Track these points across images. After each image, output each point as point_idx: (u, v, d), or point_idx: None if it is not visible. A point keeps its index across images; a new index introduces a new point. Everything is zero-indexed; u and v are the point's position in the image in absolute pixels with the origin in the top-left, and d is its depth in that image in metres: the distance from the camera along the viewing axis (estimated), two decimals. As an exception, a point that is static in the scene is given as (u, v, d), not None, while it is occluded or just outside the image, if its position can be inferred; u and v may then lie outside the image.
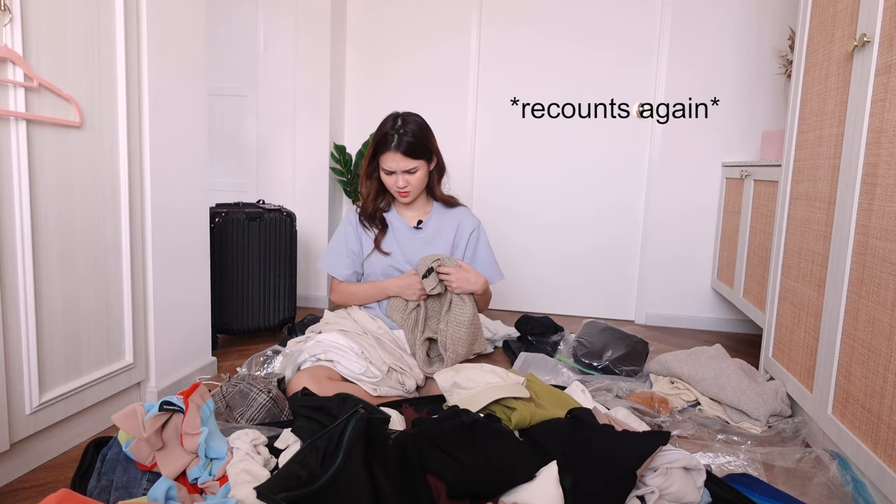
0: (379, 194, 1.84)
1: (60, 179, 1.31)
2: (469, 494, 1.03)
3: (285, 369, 1.68)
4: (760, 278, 2.11)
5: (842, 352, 1.37)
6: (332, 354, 1.61)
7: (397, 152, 1.69)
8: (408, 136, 1.69)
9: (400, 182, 1.74)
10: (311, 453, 1.03)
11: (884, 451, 1.17)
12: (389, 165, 1.72)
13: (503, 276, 1.93)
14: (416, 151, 1.71)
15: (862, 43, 1.32)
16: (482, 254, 1.89)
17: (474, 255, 1.88)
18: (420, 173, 1.74)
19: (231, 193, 2.97)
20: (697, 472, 1.13)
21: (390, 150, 1.70)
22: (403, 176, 1.73)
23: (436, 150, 1.79)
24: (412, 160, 1.71)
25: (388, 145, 1.70)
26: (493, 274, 1.88)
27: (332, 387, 1.50)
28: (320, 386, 1.49)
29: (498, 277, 1.90)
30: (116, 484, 1.11)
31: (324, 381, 1.53)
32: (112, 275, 1.48)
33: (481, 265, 1.87)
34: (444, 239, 1.85)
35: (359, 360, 1.60)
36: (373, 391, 1.58)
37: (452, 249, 1.85)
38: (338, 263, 1.85)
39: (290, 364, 1.66)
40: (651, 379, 1.88)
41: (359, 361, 1.60)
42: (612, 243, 2.91)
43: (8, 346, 1.20)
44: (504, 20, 2.88)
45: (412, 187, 1.76)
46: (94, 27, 1.37)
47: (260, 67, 2.93)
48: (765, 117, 2.65)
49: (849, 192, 1.35)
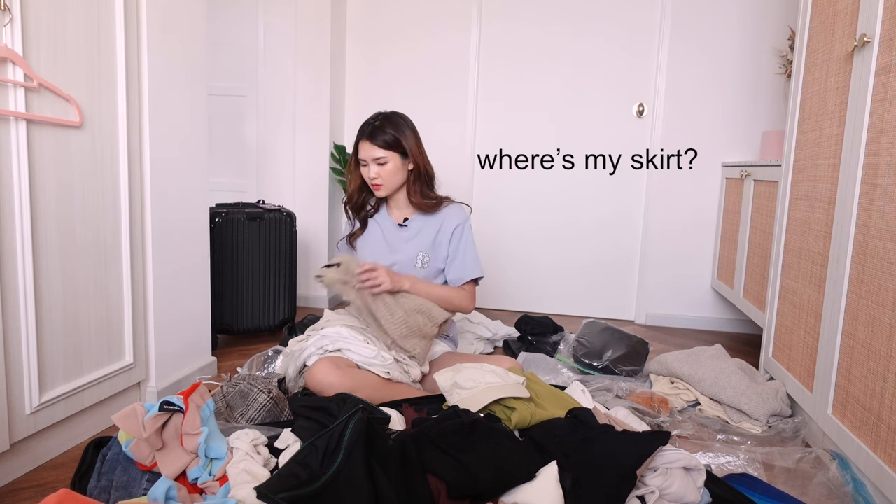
0: (363, 188, 1.85)
1: (60, 179, 1.31)
2: (469, 494, 1.03)
3: (287, 369, 1.67)
4: (760, 278, 2.12)
5: (842, 352, 1.37)
6: (339, 344, 1.61)
7: (367, 140, 1.73)
8: (382, 128, 1.72)
9: (371, 172, 1.74)
10: (311, 453, 1.03)
11: (884, 451, 1.17)
12: (362, 154, 1.75)
13: (482, 274, 1.84)
14: (386, 142, 1.71)
15: (862, 43, 1.32)
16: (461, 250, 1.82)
17: (456, 251, 1.82)
18: (390, 165, 1.73)
19: (231, 193, 2.97)
20: (697, 472, 1.13)
21: (363, 139, 1.74)
22: (374, 166, 1.73)
23: (414, 151, 1.76)
24: (381, 150, 1.71)
25: (362, 134, 1.75)
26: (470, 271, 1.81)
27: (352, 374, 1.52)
28: (341, 374, 1.50)
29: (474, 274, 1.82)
30: (116, 484, 1.11)
31: (345, 369, 1.53)
32: (112, 275, 1.48)
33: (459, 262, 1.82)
34: (427, 236, 1.83)
35: (368, 346, 1.61)
36: (385, 374, 1.58)
37: (435, 246, 1.83)
38: None
39: (291, 363, 1.66)
40: (651, 379, 1.88)
41: (368, 346, 1.60)
42: (612, 244, 2.91)
43: (8, 346, 1.20)
44: (505, 18, 2.88)
45: (383, 179, 1.75)
46: (94, 27, 1.37)
47: (260, 67, 2.93)
48: (765, 117, 2.65)
49: (849, 192, 1.35)
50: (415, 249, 1.82)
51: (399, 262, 1.81)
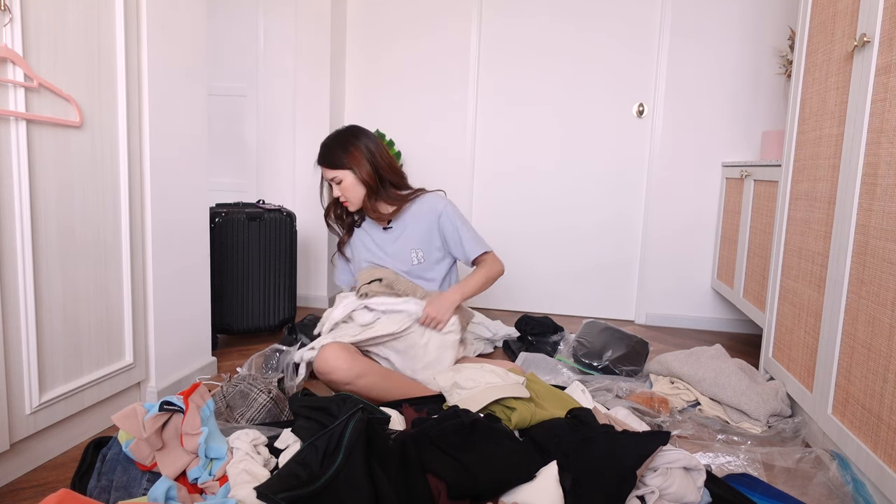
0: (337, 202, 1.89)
1: (60, 179, 1.31)
2: (469, 494, 1.03)
3: (322, 326, 1.75)
4: (760, 278, 2.12)
5: (842, 352, 1.37)
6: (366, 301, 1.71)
7: (319, 163, 1.82)
8: (328, 148, 1.79)
9: (335, 192, 1.81)
10: (311, 453, 1.03)
11: (884, 451, 1.17)
12: (325, 176, 1.83)
13: (488, 248, 1.86)
14: (332, 163, 1.78)
15: (862, 43, 1.32)
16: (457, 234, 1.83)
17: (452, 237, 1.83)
18: (346, 183, 1.78)
19: (231, 193, 2.97)
20: (697, 472, 1.13)
21: (317, 162, 1.83)
22: (334, 186, 1.80)
23: (356, 160, 1.77)
24: (332, 171, 1.78)
25: (318, 157, 1.82)
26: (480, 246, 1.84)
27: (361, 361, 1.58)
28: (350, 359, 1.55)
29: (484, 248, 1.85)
30: (116, 484, 1.11)
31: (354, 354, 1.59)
32: (112, 275, 1.48)
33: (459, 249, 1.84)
34: (413, 232, 1.85)
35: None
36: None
37: (424, 239, 1.84)
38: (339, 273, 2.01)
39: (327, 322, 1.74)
40: (651, 379, 1.88)
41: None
42: (612, 243, 2.91)
43: (8, 346, 1.20)
44: (506, 14, 2.88)
45: (345, 196, 1.80)
46: (94, 27, 1.37)
47: (260, 67, 2.93)
48: (765, 117, 2.65)
49: (849, 192, 1.35)
50: (407, 248, 1.84)
51: (395, 264, 1.84)
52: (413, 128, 3.00)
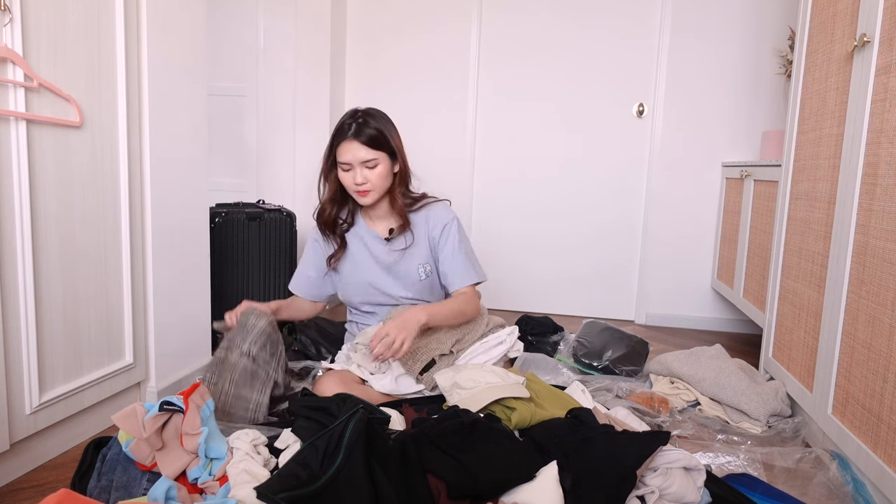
0: (338, 200, 1.67)
1: (60, 179, 1.31)
2: (469, 494, 1.03)
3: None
4: (760, 278, 2.12)
5: (842, 352, 1.37)
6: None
7: (354, 140, 1.52)
8: (367, 125, 1.53)
9: (358, 178, 1.54)
10: (311, 453, 1.03)
11: (884, 451, 1.17)
12: (346, 157, 1.54)
13: (482, 278, 1.68)
14: (375, 142, 1.53)
15: (862, 43, 1.32)
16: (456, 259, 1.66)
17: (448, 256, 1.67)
18: (381, 168, 1.55)
19: (231, 194, 2.96)
20: (697, 472, 1.13)
21: (346, 139, 1.53)
22: (362, 171, 1.54)
23: (400, 150, 1.61)
24: (372, 150, 1.52)
25: (344, 134, 1.54)
26: (468, 277, 1.65)
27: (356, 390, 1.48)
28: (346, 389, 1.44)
29: (473, 280, 1.65)
30: (116, 484, 1.11)
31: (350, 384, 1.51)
32: (112, 274, 1.48)
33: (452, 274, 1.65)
34: (420, 243, 1.67)
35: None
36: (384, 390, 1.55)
37: (431, 251, 1.69)
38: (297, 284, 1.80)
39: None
40: (651, 379, 1.88)
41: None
42: (612, 244, 2.91)
43: (8, 346, 1.19)
44: (507, 11, 2.88)
45: (372, 184, 1.55)
46: (94, 27, 1.37)
47: (260, 67, 2.93)
48: (765, 117, 2.65)
49: (849, 192, 1.35)
50: (414, 263, 1.67)
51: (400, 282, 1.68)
52: (413, 128, 2.99)
